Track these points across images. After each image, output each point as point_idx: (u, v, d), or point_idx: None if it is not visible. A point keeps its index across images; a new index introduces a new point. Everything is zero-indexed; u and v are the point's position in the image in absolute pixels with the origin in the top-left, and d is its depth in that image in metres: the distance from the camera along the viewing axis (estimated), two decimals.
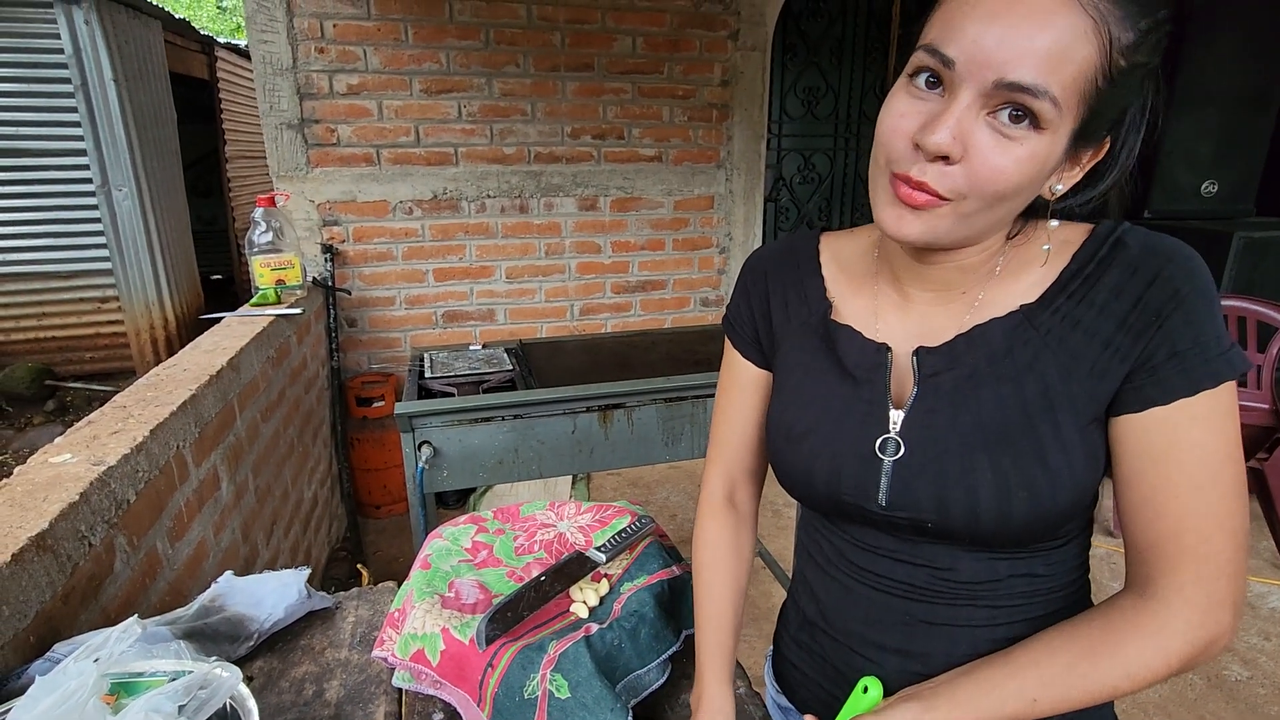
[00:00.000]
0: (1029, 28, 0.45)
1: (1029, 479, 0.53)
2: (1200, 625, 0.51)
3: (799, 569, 0.76)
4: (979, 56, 0.46)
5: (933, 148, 0.48)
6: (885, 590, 0.62)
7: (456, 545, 0.88)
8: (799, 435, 0.64)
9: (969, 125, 0.48)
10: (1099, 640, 0.53)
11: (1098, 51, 0.45)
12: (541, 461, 1.54)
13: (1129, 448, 0.53)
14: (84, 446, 1.02)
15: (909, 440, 0.57)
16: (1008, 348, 0.55)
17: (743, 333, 0.73)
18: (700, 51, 2.92)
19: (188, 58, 4.77)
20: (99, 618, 0.89)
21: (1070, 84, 0.46)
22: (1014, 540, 0.56)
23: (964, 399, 0.55)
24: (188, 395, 1.26)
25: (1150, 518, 0.52)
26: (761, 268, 0.72)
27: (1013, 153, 0.47)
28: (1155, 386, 0.51)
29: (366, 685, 0.77)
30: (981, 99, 0.47)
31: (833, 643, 0.68)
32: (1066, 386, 0.53)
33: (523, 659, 0.68)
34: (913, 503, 0.57)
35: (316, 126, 2.57)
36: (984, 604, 0.58)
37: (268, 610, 0.83)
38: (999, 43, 0.46)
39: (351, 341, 2.84)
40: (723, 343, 0.77)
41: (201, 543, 1.28)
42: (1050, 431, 0.53)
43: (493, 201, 2.84)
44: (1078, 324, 0.53)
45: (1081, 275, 0.54)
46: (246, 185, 5.87)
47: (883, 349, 0.61)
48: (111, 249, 3.83)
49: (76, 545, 0.86)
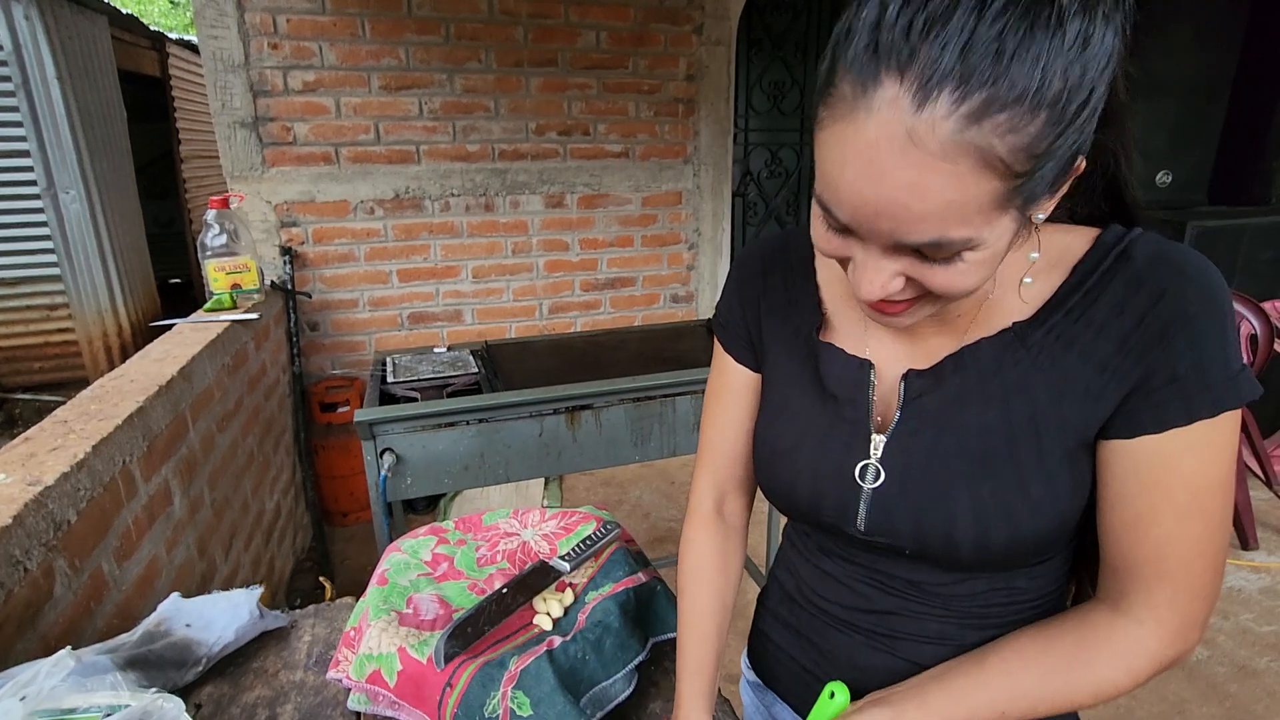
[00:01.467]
0: (904, 197, 0.39)
1: (1008, 509, 0.50)
2: (1170, 645, 0.51)
3: (783, 553, 0.75)
4: (865, 225, 0.42)
5: (866, 299, 0.46)
6: (864, 583, 0.62)
7: (415, 558, 0.85)
8: (782, 452, 0.62)
9: (895, 267, 0.44)
10: (1072, 656, 0.52)
11: (1000, 175, 0.39)
12: (509, 466, 1.51)
13: (1115, 472, 0.50)
14: (19, 465, 0.96)
15: (889, 467, 0.55)
16: (996, 368, 0.52)
17: (734, 333, 0.69)
18: (665, 46, 2.90)
19: (137, 54, 4.61)
20: (37, 647, 0.85)
21: (983, 209, 0.40)
22: (993, 566, 0.55)
23: (948, 422, 0.53)
24: (135, 407, 1.21)
25: (1132, 542, 0.50)
26: (756, 265, 0.68)
27: (956, 271, 0.43)
28: (1149, 412, 0.47)
29: (322, 708, 0.74)
30: (892, 249, 0.43)
31: (809, 617, 0.68)
32: (1056, 411, 0.50)
33: (483, 677, 0.66)
34: (890, 530, 0.55)
35: (272, 125, 2.50)
36: (957, 611, 0.58)
37: (217, 633, 0.80)
38: (877, 214, 0.41)
39: (314, 346, 2.77)
40: (692, 340, 0.75)
41: (153, 561, 1.22)
42: (1034, 459, 0.50)
43: (457, 200, 2.79)
44: (1073, 344, 0.49)
45: (1081, 289, 0.49)
46: (204, 186, 5.70)
47: (865, 366, 0.58)
48: (59, 254, 3.68)
49: (10, 571, 0.81)
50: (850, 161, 0.41)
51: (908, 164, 0.38)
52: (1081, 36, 0.37)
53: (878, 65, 0.38)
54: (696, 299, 3.30)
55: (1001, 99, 0.36)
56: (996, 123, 0.37)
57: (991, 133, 0.37)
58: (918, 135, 0.37)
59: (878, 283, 0.45)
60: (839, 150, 0.41)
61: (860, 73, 0.39)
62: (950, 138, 0.37)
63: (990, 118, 0.36)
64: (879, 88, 0.38)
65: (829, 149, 0.42)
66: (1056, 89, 0.37)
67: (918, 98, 0.37)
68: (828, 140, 0.42)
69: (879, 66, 0.38)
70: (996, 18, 0.36)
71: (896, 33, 0.37)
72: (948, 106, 0.36)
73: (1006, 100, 0.36)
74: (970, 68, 0.36)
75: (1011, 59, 0.36)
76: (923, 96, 0.37)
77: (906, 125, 0.37)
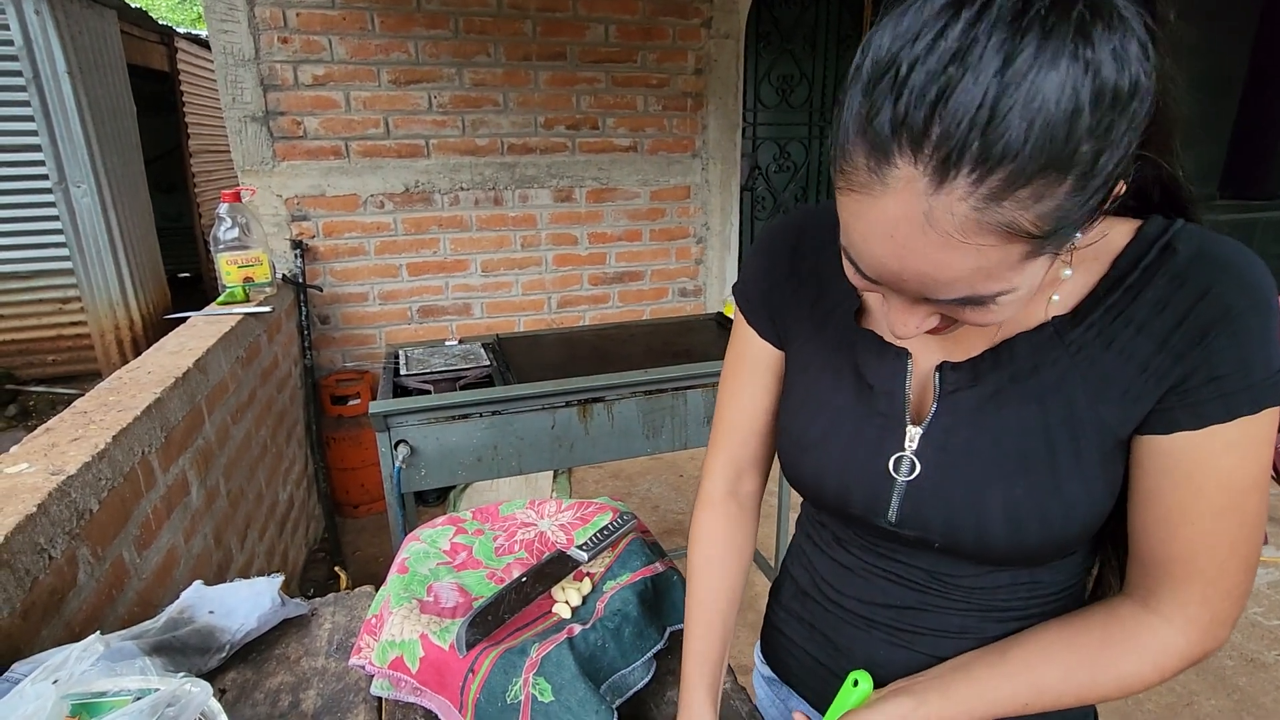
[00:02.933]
0: (928, 269, 0.39)
1: (1043, 508, 0.50)
2: (1198, 643, 0.50)
3: (797, 544, 0.74)
4: (892, 283, 0.42)
5: (902, 338, 0.46)
6: (881, 576, 0.61)
7: (434, 547, 0.86)
8: (810, 444, 0.60)
9: (927, 309, 0.44)
10: (1097, 650, 0.52)
11: (1024, 239, 0.37)
12: (521, 458, 1.52)
13: (1149, 467, 0.49)
14: (42, 455, 0.98)
15: (925, 460, 0.54)
16: (1034, 365, 0.50)
17: (758, 308, 0.66)
18: (673, 39, 2.89)
19: (146, 49, 4.62)
20: (62, 633, 0.86)
21: (1012, 266, 0.38)
22: (1022, 562, 0.55)
23: (984, 419, 0.52)
24: (152, 399, 1.22)
25: (1164, 537, 0.49)
26: (789, 239, 0.64)
27: (989, 312, 0.42)
28: (1187, 410, 0.46)
29: (344, 694, 0.75)
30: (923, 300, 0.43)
31: (825, 611, 0.67)
32: (1094, 411, 0.49)
33: (504, 663, 0.66)
34: (922, 523, 0.55)
35: (282, 119, 2.50)
36: (977, 604, 0.58)
37: (239, 620, 0.81)
38: (902, 280, 0.41)
39: (324, 339, 2.78)
40: (701, 334, 0.74)
41: (171, 550, 1.24)
42: (1070, 459, 0.49)
43: (466, 194, 2.79)
44: (1112, 343, 0.48)
45: (1122, 285, 0.48)
46: (212, 180, 5.72)
47: (903, 355, 0.56)
48: (71, 248, 3.70)
49: (35, 559, 0.82)
50: (870, 236, 0.40)
51: (927, 244, 0.37)
52: (1112, 91, 0.34)
53: (891, 140, 0.36)
54: (705, 293, 3.30)
55: (1025, 173, 0.34)
56: (1019, 198, 0.35)
57: (1014, 208, 0.35)
58: (935, 218, 0.36)
59: (911, 324, 0.45)
60: (859, 223, 0.41)
61: (873, 145, 0.37)
62: (969, 217, 0.36)
63: (1012, 195, 0.35)
64: (894, 167, 0.36)
65: (849, 215, 0.41)
66: (1084, 152, 0.35)
67: (934, 179, 0.35)
68: (847, 208, 0.41)
69: (893, 140, 0.36)
70: (1020, 80, 0.33)
71: (909, 100, 0.35)
72: (966, 187, 0.35)
73: (1030, 174, 0.34)
74: (989, 143, 0.34)
75: (1033, 129, 0.33)
76: (939, 178, 0.35)
77: (924, 208, 0.36)
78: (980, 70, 0.33)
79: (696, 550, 0.71)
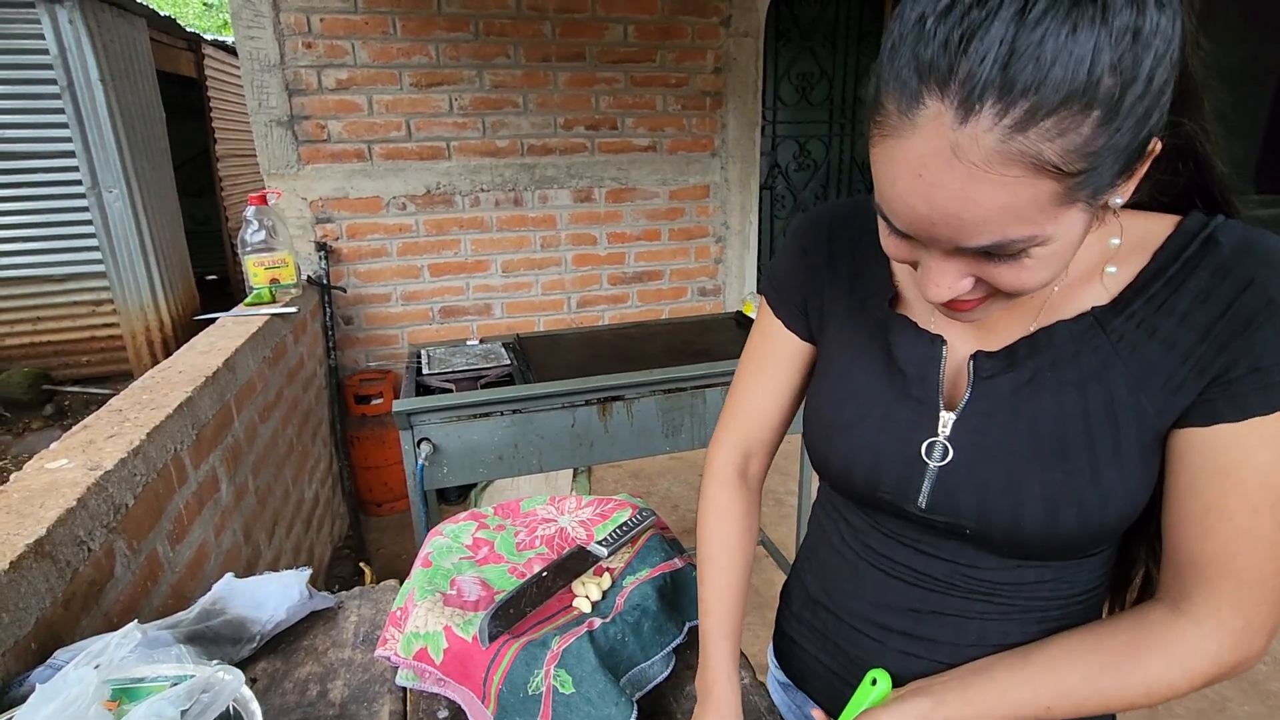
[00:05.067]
0: (956, 208, 0.39)
1: (1080, 497, 0.49)
2: (1231, 650, 0.49)
3: (809, 544, 0.74)
4: (924, 232, 0.43)
5: (934, 301, 0.46)
6: (898, 577, 0.60)
7: (457, 542, 0.87)
8: (841, 426, 0.60)
9: (961, 268, 0.44)
10: (1123, 654, 0.51)
11: (1054, 176, 0.38)
12: (542, 456, 1.54)
13: (1187, 461, 0.48)
14: (80, 451, 1.01)
15: (958, 445, 0.53)
16: (1074, 353, 0.50)
17: (788, 298, 0.66)
18: (692, 39, 2.90)
19: (174, 55, 4.73)
20: (101, 623, 0.89)
21: (1043, 209, 0.39)
22: (1054, 554, 0.54)
23: (1021, 405, 0.51)
24: (184, 397, 1.25)
25: (1198, 535, 0.48)
26: (824, 230, 0.65)
27: (1024, 268, 0.42)
28: (1229, 402, 0.46)
29: (371, 684, 0.77)
30: (955, 252, 0.43)
31: (836, 621, 0.67)
32: (1135, 401, 0.48)
33: (526, 655, 0.68)
34: (954, 510, 0.54)
35: (306, 123, 2.55)
36: (1000, 603, 0.57)
37: (269, 612, 0.83)
38: (933, 224, 0.41)
39: (348, 339, 2.83)
40: (721, 333, 0.75)
41: (203, 545, 1.27)
42: (1110, 448, 0.49)
43: (486, 195, 2.82)
44: (1154, 332, 0.48)
45: (1164, 277, 0.48)
46: (238, 184, 5.83)
47: (937, 341, 0.56)
48: (104, 251, 3.81)
49: (75, 551, 0.85)
50: (900, 177, 0.41)
51: (954, 177, 0.38)
52: (1130, 29, 0.36)
53: (919, 82, 0.38)
54: (724, 292, 3.30)
55: (1047, 105, 0.36)
56: (1043, 129, 0.36)
57: (1039, 139, 0.36)
58: (961, 149, 0.37)
59: (944, 284, 0.45)
60: (890, 166, 0.42)
61: (903, 90, 0.39)
62: (995, 148, 0.37)
63: (1036, 125, 0.36)
64: (922, 106, 0.38)
65: (881, 164, 0.43)
66: (1107, 86, 0.36)
67: (959, 112, 0.37)
68: (879, 156, 0.43)
69: (920, 84, 0.38)
70: (1037, 23, 0.35)
71: (935, 47, 0.37)
72: (991, 119, 0.36)
73: (1052, 105, 0.36)
74: (1011, 78, 0.35)
75: (1053, 64, 0.35)
76: (964, 111, 0.37)
77: (950, 140, 0.38)
78: (1000, 14, 0.36)
79: (712, 529, 0.71)
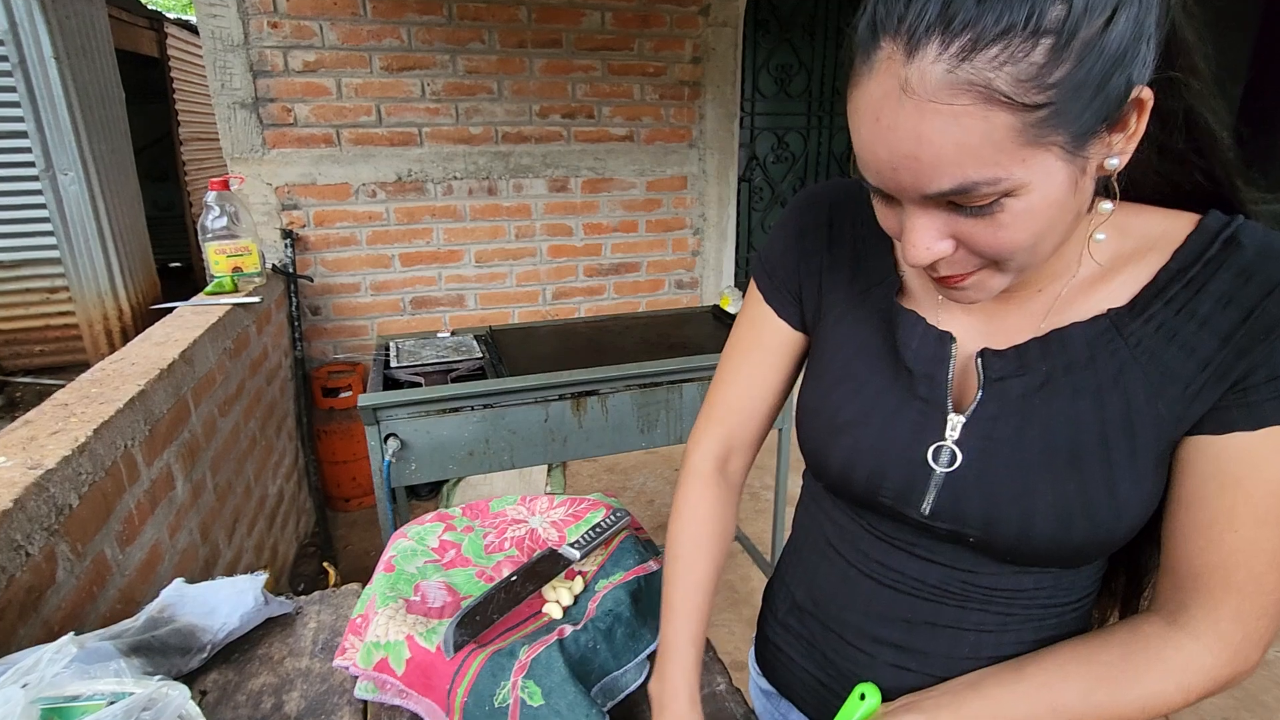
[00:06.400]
0: (911, 147, 0.40)
1: (1094, 508, 0.47)
2: (1228, 664, 0.48)
3: (794, 546, 0.71)
4: (890, 182, 0.43)
5: (913, 265, 0.45)
6: (891, 585, 0.58)
7: (422, 545, 0.84)
8: (841, 426, 0.57)
9: (938, 225, 0.43)
10: (1118, 669, 0.49)
11: (1008, 108, 0.37)
12: (514, 452, 1.50)
13: (1196, 468, 0.47)
14: (20, 449, 0.95)
15: (967, 451, 0.51)
16: (1089, 357, 0.48)
17: (782, 284, 0.63)
18: (670, 27, 2.86)
19: (135, 34, 4.55)
20: (41, 632, 0.84)
21: (1001, 147, 0.38)
22: (1059, 562, 0.52)
23: (1033, 410, 0.49)
24: (136, 391, 1.19)
25: (1201, 546, 0.47)
26: (820, 215, 0.61)
27: (1000, 224, 0.41)
28: (1244, 410, 0.45)
29: (329, 696, 0.73)
30: (927, 203, 0.43)
31: (824, 630, 0.64)
32: (1153, 409, 0.47)
33: (493, 666, 0.65)
34: (959, 517, 0.52)
35: (272, 106, 2.46)
36: (997, 611, 0.55)
37: (221, 619, 0.78)
38: (894, 169, 0.41)
39: (315, 330, 2.75)
40: (697, 326, 0.72)
41: (155, 546, 1.22)
42: (1126, 458, 0.47)
43: (460, 183, 2.76)
44: (1174, 337, 0.46)
45: (1184, 278, 0.46)
46: (203, 169, 5.66)
47: (946, 339, 0.53)
48: (59, 236, 3.65)
49: (11, 556, 0.80)
50: (862, 124, 0.42)
51: (907, 115, 0.39)
52: None
53: (876, 33, 0.40)
54: (701, 285, 3.28)
55: (990, 33, 0.36)
56: (988, 56, 0.36)
57: (986, 67, 0.37)
58: (910, 84, 0.38)
59: (921, 244, 0.44)
60: (855, 117, 0.43)
61: (864, 44, 0.41)
62: (941, 79, 0.37)
63: (980, 53, 0.36)
64: (877, 49, 0.40)
65: (850, 119, 0.44)
66: (1056, 14, 0.36)
67: (907, 49, 0.38)
68: (849, 112, 0.44)
69: (874, 32, 0.40)
70: None
71: (889, 1, 0.39)
72: (936, 51, 0.37)
73: (994, 33, 0.36)
74: (954, 10, 0.37)
75: None
76: (911, 48, 0.38)
77: (900, 78, 0.39)
78: None
79: (684, 529, 0.67)
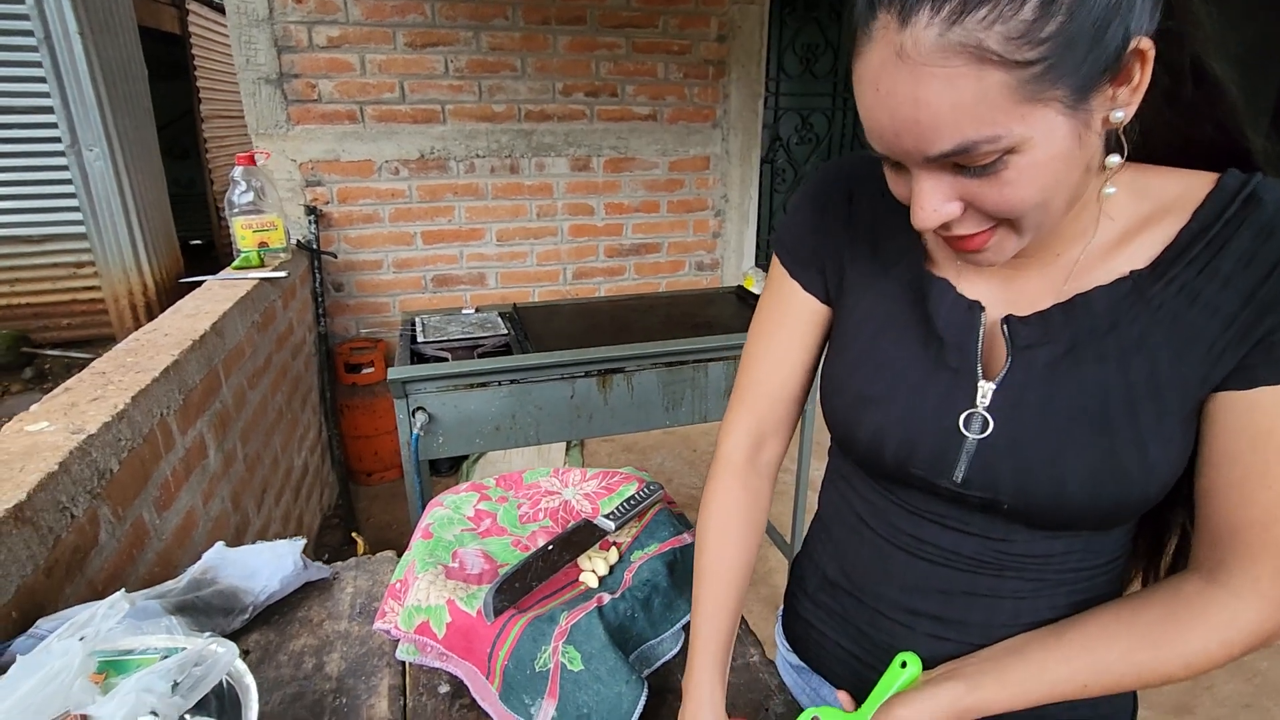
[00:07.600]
0: (909, 111, 0.41)
1: (1123, 470, 0.48)
2: (1271, 620, 0.48)
3: (822, 522, 0.71)
4: (894, 147, 0.44)
5: (922, 228, 0.46)
6: (926, 558, 0.58)
7: (459, 514, 0.85)
8: (870, 400, 0.56)
9: (944, 188, 0.44)
10: (1160, 628, 0.50)
11: (1001, 66, 0.38)
12: (539, 427, 1.51)
13: (1225, 426, 0.47)
14: (62, 414, 0.97)
15: (998, 418, 0.51)
16: (1112, 321, 0.48)
17: (805, 259, 0.63)
18: (696, 4, 2.81)
19: (157, 10, 4.56)
20: (85, 591, 0.86)
21: (999, 105, 0.39)
22: (1092, 525, 0.52)
23: (1061, 377, 0.50)
24: (170, 361, 1.21)
25: (1236, 503, 0.47)
26: (845, 184, 0.61)
27: (1005, 181, 0.42)
28: (1270, 364, 0.45)
29: (368, 658, 0.74)
30: (932, 165, 0.44)
31: (858, 605, 0.64)
32: (1177, 370, 0.47)
33: (533, 631, 0.65)
34: (992, 484, 0.52)
35: (296, 81, 2.46)
36: (1031, 577, 0.55)
37: (262, 582, 0.80)
38: (896, 134, 0.43)
39: (338, 306, 2.77)
40: (720, 307, 0.71)
41: (190, 512, 1.24)
42: (1153, 419, 0.47)
43: (482, 161, 2.75)
44: (1197, 297, 0.46)
45: (1205, 238, 0.46)
46: (224, 146, 5.67)
47: (975, 308, 0.53)
48: (85, 212, 3.69)
49: (58, 516, 0.82)
50: (864, 93, 0.44)
51: (904, 80, 0.40)
52: None
53: (873, 5, 0.41)
54: (722, 266, 3.26)
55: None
56: (978, 18, 0.38)
57: (976, 27, 0.38)
58: (905, 51, 0.40)
59: (929, 205, 0.45)
60: (857, 87, 0.44)
61: (862, 18, 0.43)
62: (934, 43, 0.39)
63: (969, 14, 0.38)
64: (874, 20, 0.41)
65: (855, 90, 0.45)
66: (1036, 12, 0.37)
67: (900, 18, 0.40)
68: (853, 83, 0.45)
69: (874, 6, 0.41)
70: None
71: None
72: (927, 16, 0.39)
73: None
74: None
75: None
76: (904, 16, 0.39)
77: (895, 45, 0.40)
78: None
79: (711, 521, 0.66)
